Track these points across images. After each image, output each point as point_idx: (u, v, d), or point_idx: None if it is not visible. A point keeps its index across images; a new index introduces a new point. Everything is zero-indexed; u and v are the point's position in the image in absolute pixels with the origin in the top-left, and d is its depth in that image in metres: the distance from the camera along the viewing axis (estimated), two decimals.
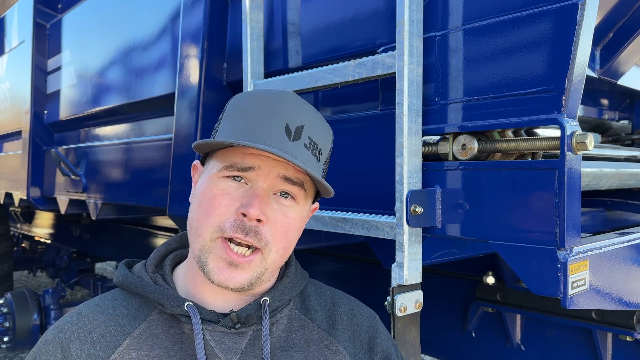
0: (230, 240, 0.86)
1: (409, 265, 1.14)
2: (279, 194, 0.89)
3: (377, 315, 1.08)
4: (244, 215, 0.85)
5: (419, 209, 1.13)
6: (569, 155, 0.96)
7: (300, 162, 0.85)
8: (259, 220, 0.86)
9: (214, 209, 0.87)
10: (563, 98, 0.96)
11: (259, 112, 0.89)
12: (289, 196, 0.90)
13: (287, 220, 0.90)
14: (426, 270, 1.21)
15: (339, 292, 1.08)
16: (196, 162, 0.99)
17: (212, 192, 0.88)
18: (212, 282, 0.87)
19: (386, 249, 1.35)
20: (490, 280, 1.94)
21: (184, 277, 0.96)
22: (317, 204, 1.02)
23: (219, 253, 0.86)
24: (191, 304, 0.88)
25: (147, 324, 0.90)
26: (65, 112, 2.98)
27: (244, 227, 0.85)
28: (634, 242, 1.22)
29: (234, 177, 0.88)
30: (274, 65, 1.60)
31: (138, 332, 0.89)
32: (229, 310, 0.90)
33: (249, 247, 0.86)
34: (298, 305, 1.00)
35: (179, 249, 1.03)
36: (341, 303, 1.04)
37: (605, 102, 1.98)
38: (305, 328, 0.97)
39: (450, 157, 1.16)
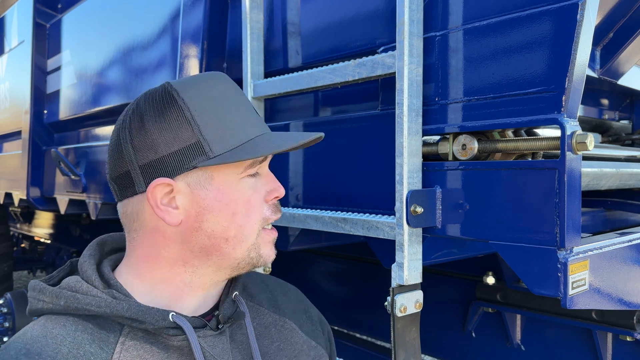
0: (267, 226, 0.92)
1: (409, 265, 1.14)
2: None
3: (297, 288, 1.14)
4: (275, 198, 0.91)
5: (419, 209, 1.13)
6: (569, 155, 0.96)
7: (319, 135, 0.92)
8: None
9: (253, 208, 0.88)
10: (563, 98, 0.96)
11: (234, 104, 0.88)
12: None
13: None
14: (426, 270, 1.21)
15: (263, 275, 1.13)
16: (162, 181, 0.83)
17: (245, 195, 0.86)
18: (259, 267, 0.91)
19: (386, 249, 1.35)
20: (490, 280, 1.94)
21: (149, 287, 0.87)
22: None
23: (266, 239, 0.91)
24: (174, 313, 0.81)
25: (121, 346, 0.80)
26: (65, 112, 2.98)
27: (277, 207, 0.92)
28: (634, 242, 1.22)
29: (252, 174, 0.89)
30: (274, 65, 1.60)
31: (117, 358, 0.78)
32: (215, 313, 0.89)
33: None
34: (243, 294, 0.99)
35: (104, 258, 0.92)
36: (270, 283, 1.09)
37: (605, 102, 1.98)
38: (259, 313, 1.00)
39: (450, 157, 1.16)
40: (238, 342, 0.90)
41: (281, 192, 0.91)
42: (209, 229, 0.84)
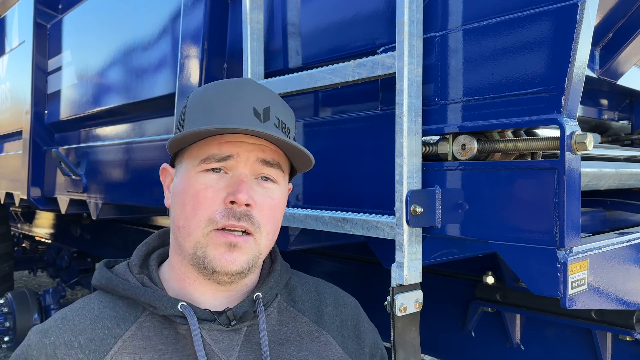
0: (223, 229, 0.86)
1: (408, 265, 1.14)
2: (260, 178, 0.90)
3: (359, 303, 1.10)
4: (232, 203, 0.85)
5: (419, 209, 1.13)
6: (568, 155, 0.97)
7: (283, 136, 0.86)
8: (247, 206, 0.86)
9: (200, 203, 0.86)
10: (563, 98, 0.96)
11: (223, 100, 0.89)
12: (269, 179, 0.91)
13: (273, 202, 0.91)
14: (426, 270, 1.21)
15: (321, 282, 1.09)
16: (165, 165, 0.97)
17: (194, 188, 0.87)
18: (214, 272, 0.86)
19: (386, 249, 1.35)
20: (490, 280, 1.94)
21: (170, 278, 0.94)
22: (291, 185, 1.03)
23: (216, 241, 0.86)
24: (185, 304, 0.87)
25: (137, 326, 0.87)
26: (65, 112, 2.98)
27: (235, 214, 0.85)
28: (633, 242, 1.22)
29: (213, 169, 0.87)
30: (274, 65, 1.61)
31: (129, 335, 0.85)
32: (225, 308, 0.90)
33: (242, 232, 0.87)
34: (285, 298, 1.00)
35: (160, 247, 1.01)
36: (325, 293, 1.06)
37: (604, 102, 1.98)
38: (296, 320, 0.98)
39: (450, 157, 1.16)
40: (254, 342, 0.90)
41: (238, 197, 0.84)
42: (171, 214, 0.92)
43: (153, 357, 0.84)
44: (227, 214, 0.85)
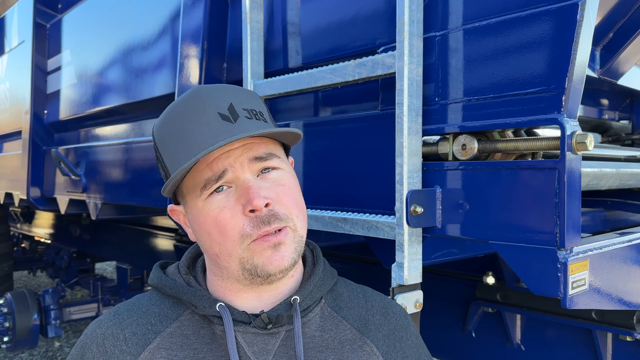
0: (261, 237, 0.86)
1: (409, 265, 1.14)
2: (261, 172, 0.89)
3: (408, 314, 1.07)
4: (252, 211, 0.85)
5: (419, 209, 1.13)
6: (569, 155, 0.96)
7: (256, 131, 0.85)
8: (266, 206, 0.85)
9: (224, 226, 0.86)
10: (563, 98, 0.96)
11: (186, 123, 0.87)
12: (270, 169, 0.90)
13: (285, 187, 0.90)
14: (426, 270, 1.21)
15: (369, 290, 1.06)
16: (171, 207, 0.97)
17: (211, 216, 0.86)
18: (269, 275, 0.86)
19: (386, 249, 1.35)
20: (490, 280, 1.94)
21: (213, 284, 0.95)
22: (291, 158, 1.01)
23: (259, 248, 0.85)
24: (223, 304, 0.88)
25: (178, 323, 0.90)
26: (65, 112, 2.98)
27: (262, 220, 0.85)
28: (634, 242, 1.22)
29: (216, 190, 0.86)
30: (274, 65, 1.60)
31: (169, 332, 0.89)
32: (260, 311, 0.90)
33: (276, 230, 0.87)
34: (330, 303, 0.98)
35: None
36: (374, 301, 1.02)
37: (605, 102, 1.98)
38: (339, 327, 0.95)
39: (450, 157, 1.16)
40: (290, 347, 0.89)
41: (254, 204, 0.83)
42: (202, 248, 0.94)
43: (187, 354, 0.87)
44: (256, 224, 0.85)
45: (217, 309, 0.88)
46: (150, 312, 0.92)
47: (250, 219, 0.85)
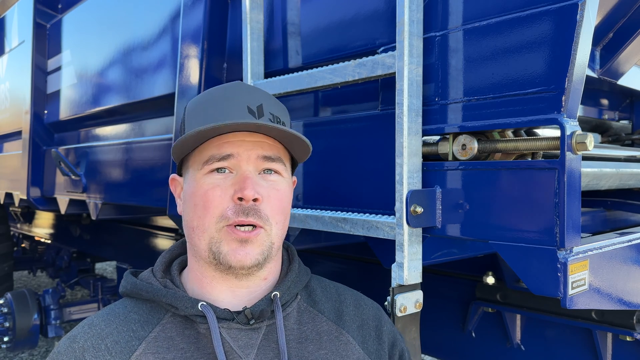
0: (234, 226, 0.90)
1: (409, 265, 1.14)
2: (263, 172, 0.94)
3: (380, 306, 1.11)
4: (240, 199, 0.89)
5: (419, 209, 1.13)
6: (569, 155, 0.96)
7: (278, 125, 0.90)
8: (254, 200, 0.90)
9: (211, 202, 0.90)
10: (563, 98, 0.96)
11: (218, 102, 0.95)
12: (273, 172, 0.95)
13: (280, 193, 0.95)
14: (426, 270, 1.21)
15: (341, 286, 1.12)
16: (174, 176, 1.02)
17: (202, 189, 0.91)
18: (230, 267, 0.90)
19: (386, 249, 1.35)
20: (490, 280, 1.94)
21: (191, 281, 0.98)
22: (294, 177, 1.07)
23: (229, 237, 0.90)
24: (205, 303, 0.90)
25: (160, 327, 0.91)
26: (65, 112, 2.98)
27: (244, 210, 0.89)
28: (634, 242, 1.22)
29: (217, 169, 0.92)
30: (274, 65, 1.60)
31: (153, 336, 0.90)
32: (242, 308, 0.92)
33: (251, 227, 0.91)
34: (305, 299, 1.02)
35: (183, 255, 1.06)
36: (346, 295, 1.08)
37: (605, 102, 1.98)
38: (315, 320, 1.00)
39: (450, 157, 1.16)
40: (273, 341, 0.92)
41: (245, 193, 0.88)
42: (184, 219, 0.97)
43: (175, 356, 0.88)
44: (237, 211, 0.89)
45: (200, 308, 0.90)
46: (129, 319, 0.92)
47: (235, 205, 0.90)
